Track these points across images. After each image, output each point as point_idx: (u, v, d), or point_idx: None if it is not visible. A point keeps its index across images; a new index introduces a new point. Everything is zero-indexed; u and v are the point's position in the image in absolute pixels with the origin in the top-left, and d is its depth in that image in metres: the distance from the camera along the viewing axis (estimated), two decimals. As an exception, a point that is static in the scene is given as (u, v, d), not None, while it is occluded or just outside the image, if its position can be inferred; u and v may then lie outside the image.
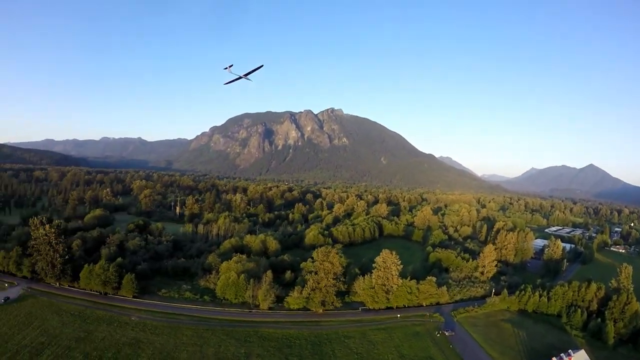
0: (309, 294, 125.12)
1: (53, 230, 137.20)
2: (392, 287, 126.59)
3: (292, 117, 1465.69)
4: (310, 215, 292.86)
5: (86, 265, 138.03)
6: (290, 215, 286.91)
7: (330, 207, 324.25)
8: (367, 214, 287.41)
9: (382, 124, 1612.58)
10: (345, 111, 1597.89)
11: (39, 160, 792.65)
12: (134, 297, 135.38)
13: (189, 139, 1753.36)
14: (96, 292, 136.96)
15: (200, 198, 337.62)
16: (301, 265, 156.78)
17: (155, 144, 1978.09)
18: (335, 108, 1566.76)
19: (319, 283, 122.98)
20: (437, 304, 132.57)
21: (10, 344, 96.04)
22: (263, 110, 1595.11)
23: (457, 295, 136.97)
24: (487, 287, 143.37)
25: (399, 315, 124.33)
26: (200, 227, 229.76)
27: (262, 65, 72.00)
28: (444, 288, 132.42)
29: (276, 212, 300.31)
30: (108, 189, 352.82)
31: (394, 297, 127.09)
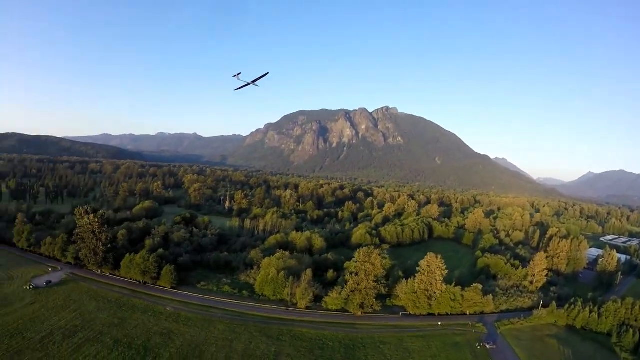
0: (348, 295, 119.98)
1: (97, 219, 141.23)
2: (435, 292, 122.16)
3: (347, 115, 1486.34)
4: (360, 214, 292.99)
5: (128, 255, 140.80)
6: (340, 214, 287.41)
7: (381, 206, 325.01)
8: (417, 215, 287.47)
9: (437, 123, 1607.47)
10: (400, 110, 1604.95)
11: (96, 154, 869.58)
12: (172, 287, 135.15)
13: (243, 135, 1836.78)
14: (136, 281, 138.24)
15: (250, 193, 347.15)
16: (345, 265, 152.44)
17: (211, 139, 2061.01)
18: (390, 106, 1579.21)
19: (358, 284, 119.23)
20: (481, 313, 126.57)
21: (46, 325, 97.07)
22: (318, 108, 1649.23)
23: (503, 305, 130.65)
24: (535, 298, 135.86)
25: (439, 323, 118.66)
26: (247, 222, 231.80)
27: (267, 73, 79.77)
28: (490, 297, 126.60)
29: (325, 210, 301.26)
30: (159, 182, 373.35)
31: (437, 304, 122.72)
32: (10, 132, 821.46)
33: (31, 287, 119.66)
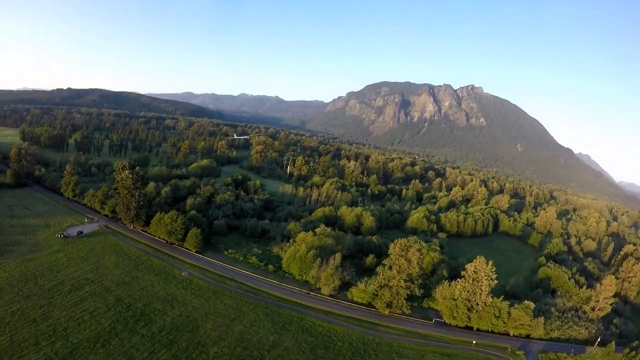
0: (377, 291, 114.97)
1: (131, 175, 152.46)
2: (477, 304, 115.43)
3: (431, 90, 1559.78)
4: (426, 195, 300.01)
5: (158, 213, 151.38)
6: (404, 192, 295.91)
7: (450, 189, 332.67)
8: (486, 204, 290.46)
9: (522, 107, 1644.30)
10: (486, 90, 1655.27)
11: (174, 110, 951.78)
12: (196, 251, 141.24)
13: (325, 101, 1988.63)
14: (163, 240, 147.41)
15: (314, 160, 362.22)
16: (389, 251, 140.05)
17: (292, 103, 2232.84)
18: (476, 85, 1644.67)
19: (389, 281, 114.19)
20: (527, 336, 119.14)
21: (61, 274, 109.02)
22: (402, 80, 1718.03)
23: (554, 332, 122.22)
24: (594, 331, 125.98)
25: (474, 342, 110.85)
26: (300, 190, 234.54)
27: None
28: (541, 320, 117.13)
29: (390, 186, 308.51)
30: (224, 141, 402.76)
31: (477, 317, 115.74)
32: (93, 87, 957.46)
33: (62, 235, 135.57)
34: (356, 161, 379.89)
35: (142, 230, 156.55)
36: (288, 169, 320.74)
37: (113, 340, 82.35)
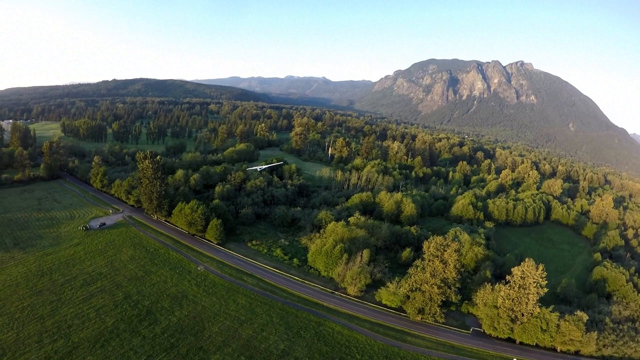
0: (408, 294, 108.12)
1: (150, 165, 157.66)
2: (522, 315, 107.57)
3: (479, 67, 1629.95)
4: (474, 178, 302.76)
5: (180, 203, 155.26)
6: (450, 174, 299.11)
7: (499, 172, 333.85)
8: (537, 189, 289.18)
9: (574, 85, 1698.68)
10: (536, 66, 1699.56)
11: (219, 95, 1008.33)
12: (217, 243, 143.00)
13: (372, 81, 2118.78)
14: (185, 231, 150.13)
15: (359, 141, 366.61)
16: (424, 248, 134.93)
17: (339, 83, 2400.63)
18: (525, 62, 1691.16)
19: (421, 284, 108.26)
20: (576, 353, 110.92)
21: (75, 269, 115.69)
22: (449, 57, 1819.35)
23: (606, 349, 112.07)
24: None
25: (515, 359, 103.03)
26: (339, 174, 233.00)
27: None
28: (594, 335, 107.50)
29: (436, 168, 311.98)
30: (263, 124, 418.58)
31: (521, 330, 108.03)
32: (138, 77, 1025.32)
33: (84, 228, 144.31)
34: (402, 142, 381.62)
35: (165, 221, 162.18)
36: (330, 152, 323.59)
37: (113, 340, 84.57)
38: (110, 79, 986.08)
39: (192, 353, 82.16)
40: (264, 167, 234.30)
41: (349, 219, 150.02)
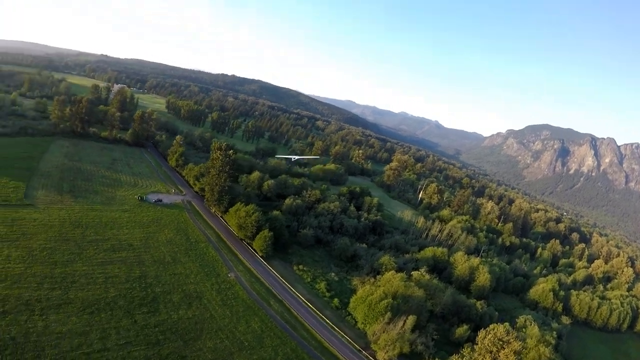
0: None
1: (220, 156, 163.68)
2: None
3: (593, 141, 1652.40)
4: (562, 261, 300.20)
5: (239, 204, 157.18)
6: (539, 250, 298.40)
7: (592, 260, 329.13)
8: (628, 290, 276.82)
9: None
10: None
11: (330, 114, 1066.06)
12: (261, 255, 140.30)
13: (483, 135, 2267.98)
14: (235, 233, 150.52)
15: (453, 192, 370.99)
16: (477, 338, 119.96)
17: (450, 130, 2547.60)
18: None
19: None
20: None
21: (110, 232, 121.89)
22: (564, 126, 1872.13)
23: None
24: None
25: None
26: (420, 221, 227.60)
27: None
28: None
29: (525, 240, 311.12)
30: (361, 151, 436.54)
31: None
32: (256, 78, 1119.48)
33: (139, 198, 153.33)
34: (497, 203, 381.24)
35: (220, 216, 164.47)
36: (420, 195, 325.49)
37: (104, 312, 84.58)
38: (229, 74, 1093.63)
39: (171, 358, 76.94)
40: (297, 157, 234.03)
41: (413, 272, 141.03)
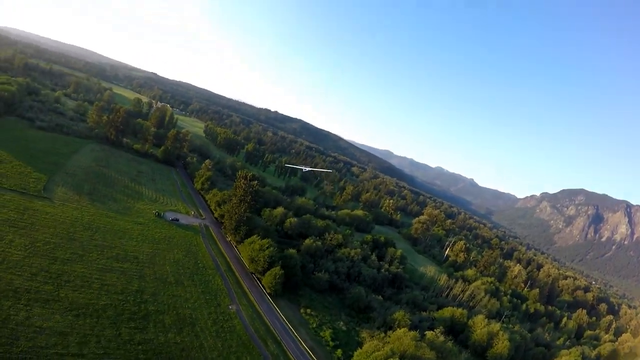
0: None
1: (242, 184, 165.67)
2: None
3: (628, 209, 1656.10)
4: (588, 332, 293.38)
5: (255, 236, 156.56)
6: (564, 320, 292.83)
7: (619, 333, 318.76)
8: None
9: None
10: None
11: (367, 162, 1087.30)
12: (269, 292, 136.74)
13: (517, 196, 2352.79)
14: (247, 265, 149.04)
15: (481, 252, 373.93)
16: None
17: (484, 190, 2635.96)
18: None
19: None
20: None
21: (118, 241, 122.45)
22: (600, 191, 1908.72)
23: None
24: None
25: None
26: (442, 278, 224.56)
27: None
28: None
29: (551, 308, 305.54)
30: (391, 201, 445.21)
31: None
32: (298, 118, 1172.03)
33: (157, 214, 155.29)
34: (525, 267, 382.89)
35: (235, 246, 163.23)
36: (446, 252, 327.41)
37: (90, 318, 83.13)
38: (272, 110, 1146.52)
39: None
40: (309, 169, 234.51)
41: (427, 332, 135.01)
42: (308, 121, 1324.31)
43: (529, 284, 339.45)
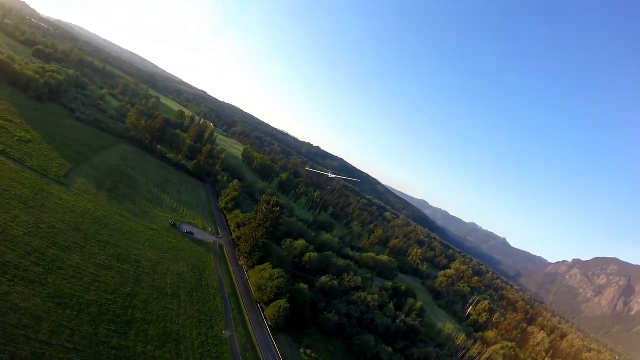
0: None
1: (263, 208, 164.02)
2: None
3: None
4: None
5: (267, 264, 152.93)
6: None
7: None
8: None
9: None
10: None
11: (401, 209, 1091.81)
12: (270, 325, 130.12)
13: (548, 260, 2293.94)
14: (253, 293, 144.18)
15: (504, 315, 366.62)
16: None
17: (516, 251, 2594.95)
18: None
19: None
20: None
21: (125, 242, 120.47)
22: (634, 262, 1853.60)
23: None
24: None
25: None
26: (461, 337, 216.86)
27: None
28: None
29: None
30: (419, 250, 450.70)
31: None
32: (338, 156, 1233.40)
33: (172, 223, 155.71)
34: (549, 335, 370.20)
35: (245, 270, 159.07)
36: (469, 310, 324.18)
37: (70, 309, 79.78)
38: (315, 144, 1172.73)
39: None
40: (334, 176, 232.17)
41: None
42: (348, 161, 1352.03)
43: (551, 353, 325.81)
